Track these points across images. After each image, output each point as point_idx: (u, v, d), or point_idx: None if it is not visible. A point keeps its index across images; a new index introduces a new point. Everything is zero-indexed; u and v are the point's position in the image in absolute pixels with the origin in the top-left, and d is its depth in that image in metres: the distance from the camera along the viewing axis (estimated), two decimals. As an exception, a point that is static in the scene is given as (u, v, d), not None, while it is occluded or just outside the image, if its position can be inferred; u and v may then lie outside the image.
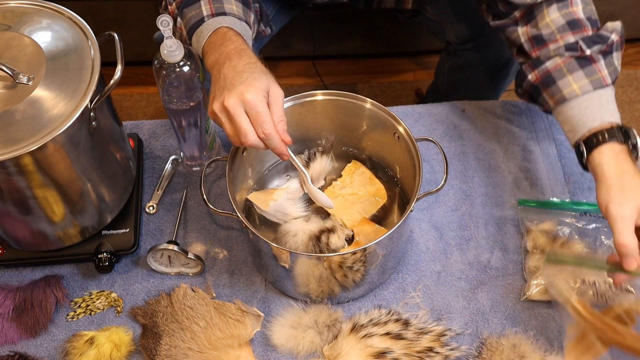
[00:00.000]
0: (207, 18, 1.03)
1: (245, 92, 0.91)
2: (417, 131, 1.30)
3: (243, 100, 0.91)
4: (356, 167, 1.19)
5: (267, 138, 0.93)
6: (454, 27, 1.32)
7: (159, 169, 1.26)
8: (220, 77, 0.95)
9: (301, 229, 1.10)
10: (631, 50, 2.12)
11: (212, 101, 0.95)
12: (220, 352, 1.04)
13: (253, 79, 0.93)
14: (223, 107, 0.92)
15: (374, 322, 1.04)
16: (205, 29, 1.03)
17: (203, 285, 1.12)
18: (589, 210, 1.17)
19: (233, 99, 0.91)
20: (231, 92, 0.92)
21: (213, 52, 0.99)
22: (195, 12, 1.04)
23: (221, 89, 0.93)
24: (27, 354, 1.07)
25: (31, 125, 0.88)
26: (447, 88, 1.54)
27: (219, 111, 0.93)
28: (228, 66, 0.95)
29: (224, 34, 1.01)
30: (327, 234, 1.09)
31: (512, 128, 1.31)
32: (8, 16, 0.97)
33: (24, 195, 0.95)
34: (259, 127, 0.93)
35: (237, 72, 0.94)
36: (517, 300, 1.11)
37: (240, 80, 0.93)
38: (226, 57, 0.96)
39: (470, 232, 1.18)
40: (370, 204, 1.14)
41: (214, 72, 0.97)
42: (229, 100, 0.91)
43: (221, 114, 0.93)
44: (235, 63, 0.95)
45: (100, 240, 1.11)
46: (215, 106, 0.94)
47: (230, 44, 0.98)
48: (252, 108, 0.91)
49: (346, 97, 1.11)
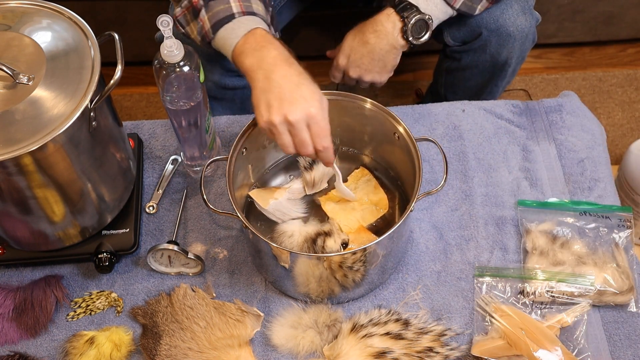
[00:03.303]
0: (237, 15, 1.03)
1: (310, 106, 0.94)
2: (417, 131, 1.30)
3: (308, 114, 0.93)
4: (363, 174, 1.19)
5: (324, 150, 0.97)
6: (450, 30, 1.33)
7: (159, 169, 1.26)
8: (273, 85, 0.95)
9: (298, 230, 1.10)
10: (631, 50, 2.12)
11: (268, 111, 0.94)
12: (220, 352, 1.04)
13: (313, 92, 0.95)
14: (287, 120, 0.94)
15: (374, 322, 1.04)
16: (237, 27, 1.02)
17: (203, 285, 1.12)
18: (589, 210, 1.17)
19: (298, 114, 0.93)
20: (294, 105, 0.93)
21: (251, 54, 0.99)
22: (223, 7, 1.03)
23: (279, 100, 0.94)
24: (27, 354, 1.07)
25: (31, 125, 0.88)
26: (445, 89, 1.54)
27: (279, 123, 0.94)
28: (280, 75, 0.95)
29: (262, 37, 1.00)
30: (323, 237, 1.08)
31: (512, 128, 1.31)
32: (8, 16, 0.97)
33: (24, 195, 0.95)
34: (319, 141, 0.96)
35: (295, 83, 0.95)
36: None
37: (301, 93, 0.94)
38: (273, 64, 0.96)
39: (470, 232, 1.18)
40: (370, 213, 1.14)
41: (259, 77, 0.96)
42: (294, 114, 0.93)
43: (281, 126, 0.94)
44: (286, 72, 0.96)
45: (100, 240, 1.11)
46: (275, 118, 0.94)
47: (273, 49, 0.98)
48: (316, 123, 0.94)
49: (346, 97, 1.11)
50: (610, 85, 2.05)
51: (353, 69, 1.26)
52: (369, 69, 1.25)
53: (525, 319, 1.06)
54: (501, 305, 1.08)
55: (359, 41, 1.22)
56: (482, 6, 1.21)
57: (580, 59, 2.11)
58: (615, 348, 1.06)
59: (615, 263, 1.11)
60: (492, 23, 1.27)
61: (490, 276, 1.12)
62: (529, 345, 1.02)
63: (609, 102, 2.02)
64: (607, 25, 1.99)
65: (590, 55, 2.12)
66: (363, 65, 1.24)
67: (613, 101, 2.02)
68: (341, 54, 1.26)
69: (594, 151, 1.27)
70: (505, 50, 1.32)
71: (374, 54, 1.22)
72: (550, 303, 1.09)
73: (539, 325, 1.05)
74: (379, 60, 1.23)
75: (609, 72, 2.07)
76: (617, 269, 1.11)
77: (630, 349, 1.06)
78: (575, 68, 2.09)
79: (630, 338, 1.07)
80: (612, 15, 1.95)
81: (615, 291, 1.08)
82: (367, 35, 1.21)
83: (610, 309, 1.09)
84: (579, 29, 2.00)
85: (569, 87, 2.04)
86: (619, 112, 2.00)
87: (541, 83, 2.05)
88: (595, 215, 1.16)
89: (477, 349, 1.04)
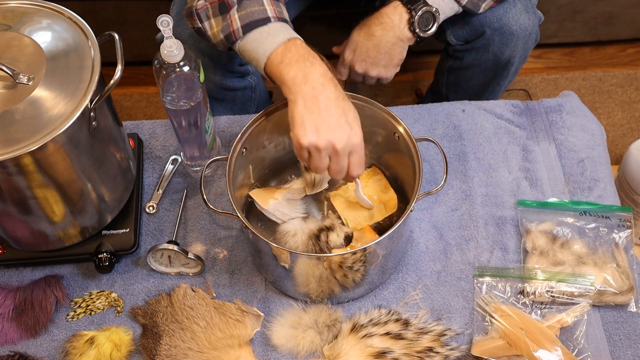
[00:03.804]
0: (273, 20, 1.01)
1: (356, 136, 0.96)
2: (417, 131, 1.30)
3: (353, 144, 0.96)
4: (374, 173, 1.19)
5: (356, 176, 1.00)
6: (453, 29, 1.32)
7: (159, 169, 1.26)
8: (321, 107, 0.95)
9: (300, 229, 1.10)
10: (631, 50, 2.12)
11: (316, 134, 0.94)
12: (220, 352, 1.04)
13: (356, 118, 0.97)
14: (333, 148, 0.95)
15: (374, 322, 1.04)
16: (273, 33, 1.00)
17: (203, 285, 1.12)
18: (589, 210, 1.17)
19: (344, 142, 0.94)
20: (341, 133, 0.94)
21: (295, 66, 0.97)
22: (258, 9, 1.01)
23: (327, 126, 0.94)
24: (27, 354, 1.07)
25: (31, 125, 0.88)
26: (447, 88, 1.54)
27: (324, 148, 0.94)
28: (327, 97, 0.95)
29: (305, 49, 1.00)
30: (326, 232, 1.09)
31: (512, 128, 1.31)
32: (8, 16, 0.97)
33: (24, 195, 0.95)
34: (355, 170, 0.98)
35: (342, 109, 0.96)
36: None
37: (348, 120, 0.96)
38: (321, 83, 0.96)
39: (470, 232, 1.18)
40: (378, 211, 1.14)
41: (304, 94, 0.95)
42: (341, 143, 0.94)
43: (325, 151, 0.95)
44: (333, 94, 0.96)
45: (100, 240, 1.11)
46: (321, 143, 0.94)
47: (319, 66, 0.98)
48: (357, 152, 0.97)
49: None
50: (610, 85, 2.05)
51: (359, 64, 1.25)
52: (375, 62, 1.23)
53: (525, 319, 1.06)
54: (501, 305, 1.08)
55: (364, 34, 1.22)
56: (487, 5, 1.21)
57: (580, 59, 2.11)
58: (615, 348, 1.06)
59: (615, 263, 1.11)
60: (495, 22, 1.26)
61: (490, 276, 1.12)
62: (529, 345, 1.02)
63: (609, 102, 2.02)
64: (607, 25, 1.99)
65: (590, 55, 2.11)
66: (369, 59, 1.23)
67: (613, 101, 2.02)
68: (347, 49, 1.26)
69: (594, 151, 1.27)
70: (508, 49, 1.32)
71: (379, 47, 1.21)
72: (550, 303, 1.09)
73: (539, 325, 1.05)
74: (385, 54, 1.22)
75: (609, 72, 2.07)
76: (617, 269, 1.11)
77: (630, 349, 1.06)
78: (575, 68, 2.09)
79: (630, 338, 1.07)
80: (612, 15, 1.95)
81: (615, 291, 1.08)
82: (372, 28, 1.20)
83: (610, 309, 1.09)
84: (579, 29, 2.00)
85: (569, 87, 2.04)
86: (619, 112, 2.00)
87: (541, 83, 2.05)
88: (595, 215, 1.16)
89: (477, 349, 1.04)
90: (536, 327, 1.04)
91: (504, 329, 1.04)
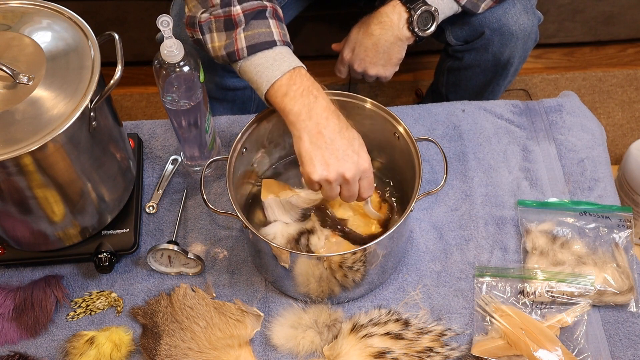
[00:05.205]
0: (278, 43, 1.01)
1: (364, 162, 0.98)
2: (417, 131, 1.30)
3: (362, 170, 0.98)
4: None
5: (366, 198, 1.03)
6: (452, 29, 1.33)
7: (159, 169, 1.26)
8: (327, 142, 0.96)
9: (280, 232, 1.10)
10: (631, 50, 2.12)
11: (326, 169, 0.96)
12: (220, 352, 1.04)
13: (362, 145, 0.99)
14: (344, 178, 0.97)
15: (374, 322, 1.04)
16: (279, 59, 1.00)
17: (203, 285, 1.12)
18: (589, 210, 1.17)
19: (353, 171, 0.97)
20: (349, 163, 0.97)
21: (299, 100, 0.98)
22: (264, 30, 1.01)
23: (336, 159, 0.96)
24: (27, 354, 1.07)
25: (31, 125, 0.88)
26: (447, 88, 1.54)
27: (334, 180, 0.96)
28: (332, 130, 0.97)
29: (308, 79, 1.00)
30: (307, 235, 1.08)
31: (512, 128, 1.31)
32: (8, 16, 0.97)
33: (24, 195, 0.95)
34: (365, 192, 1.01)
35: (347, 139, 0.98)
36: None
37: (354, 149, 0.98)
38: (325, 118, 0.97)
39: (470, 232, 1.18)
40: (375, 225, 1.14)
41: (309, 130, 0.96)
42: (350, 172, 0.97)
43: (336, 182, 0.97)
44: (337, 126, 0.98)
45: (100, 240, 1.11)
46: (332, 176, 0.96)
47: (322, 99, 0.99)
48: (367, 176, 1.00)
49: (346, 97, 1.11)
50: (610, 85, 2.05)
51: (358, 62, 1.25)
52: (374, 61, 1.24)
53: (525, 319, 1.06)
54: (501, 305, 1.08)
55: (363, 33, 1.22)
56: (486, 5, 1.21)
57: (580, 59, 2.11)
58: (615, 348, 1.06)
59: (615, 263, 1.11)
60: (494, 22, 1.27)
61: (490, 276, 1.12)
62: (529, 345, 1.02)
63: (609, 102, 2.02)
64: (607, 25, 1.99)
65: (590, 55, 2.12)
66: (367, 58, 1.24)
67: (613, 101, 2.02)
68: (346, 47, 1.26)
69: (594, 151, 1.27)
70: (507, 50, 1.32)
71: (378, 46, 1.21)
72: (550, 303, 1.09)
73: (539, 325, 1.05)
74: (383, 53, 1.22)
75: (609, 72, 2.07)
76: (617, 269, 1.11)
77: (630, 349, 1.06)
78: (575, 68, 2.10)
79: (630, 338, 1.07)
80: (612, 15, 1.95)
81: (615, 291, 1.08)
82: (371, 27, 1.20)
83: (610, 309, 1.09)
84: (579, 29, 2.00)
85: (569, 87, 2.04)
86: (619, 112, 2.00)
87: (541, 83, 2.05)
88: (595, 215, 1.17)
89: (477, 349, 1.04)
90: (536, 327, 1.04)
91: (504, 329, 1.04)
